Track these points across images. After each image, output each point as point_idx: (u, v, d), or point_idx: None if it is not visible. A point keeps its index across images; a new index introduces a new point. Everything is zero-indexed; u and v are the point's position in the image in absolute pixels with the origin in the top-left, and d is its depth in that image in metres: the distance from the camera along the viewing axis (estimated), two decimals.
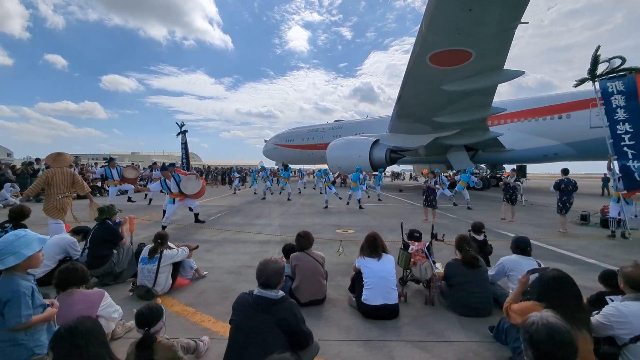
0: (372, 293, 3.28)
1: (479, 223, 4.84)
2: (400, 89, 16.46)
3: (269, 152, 38.95)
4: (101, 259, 4.12)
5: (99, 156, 75.76)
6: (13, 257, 2.14)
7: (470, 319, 3.30)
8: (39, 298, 2.22)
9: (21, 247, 2.18)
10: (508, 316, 2.64)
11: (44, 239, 2.34)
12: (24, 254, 2.16)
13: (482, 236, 4.72)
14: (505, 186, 9.83)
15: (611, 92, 7.47)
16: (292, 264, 3.68)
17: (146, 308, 2.28)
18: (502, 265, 3.57)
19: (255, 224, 8.86)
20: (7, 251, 2.14)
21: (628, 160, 7.21)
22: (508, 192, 9.65)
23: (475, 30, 11.04)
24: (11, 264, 2.13)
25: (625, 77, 7.36)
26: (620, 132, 7.35)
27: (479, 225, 4.79)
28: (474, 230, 4.76)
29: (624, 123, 7.31)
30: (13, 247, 2.16)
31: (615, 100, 7.42)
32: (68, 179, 5.28)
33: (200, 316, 3.35)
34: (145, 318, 2.22)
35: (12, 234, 2.24)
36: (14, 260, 2.13)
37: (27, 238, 2.23)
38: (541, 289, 2.30)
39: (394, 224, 8.79)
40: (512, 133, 21.32)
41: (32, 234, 2.30)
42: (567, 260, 5.53)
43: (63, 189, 5.21)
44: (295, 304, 2.31)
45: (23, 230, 2.32)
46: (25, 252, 2.18)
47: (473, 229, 4.78)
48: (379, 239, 3.61)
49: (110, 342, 2.77)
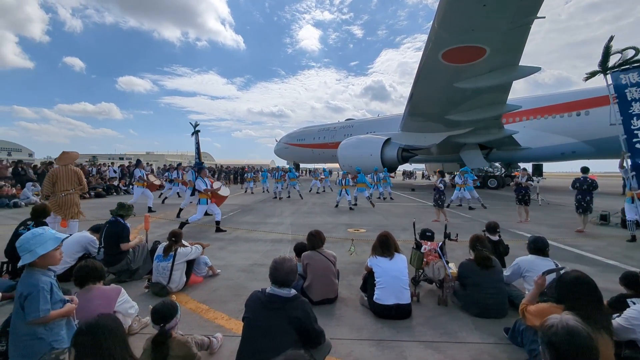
0: (384, 292, 3.27)
1: (493, 223, 4.74)
2: (412, 87, 16.29)
3: (281, 152, 39.16)
4: (117, 257, 4.22)
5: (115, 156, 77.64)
6: (28, 254, 2.20)
7: (485, 320, 3.25)
8: (58, 293, 2.28)
9: (36, 245, 2.24)
10: (524, 318, 2.58)
11: (60, 238, 2.39)
12: (37, 252, 2.22)
13: (497, 236, 4.62)
14: (517, 186, 9.45)
15: (625, 85, 6.97)
16: (304, 263, 3.69)
17: (161, 305, 2.33)
18: (518, 266, 3.50)
19: (267, 222, 8.92)
20: (23, 249, 2.21)
21: None
22: (520, 192, 9.28)
23: (489, 26, 10.82)
24: (27, 261, 2.20)
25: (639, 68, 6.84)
26: (635, 127, 6.88)
27: (494, 225, 4.69)
28: (488, 230, 4.66)
29: (639, 118, 6.85)
30: (29, 245, 2.22)
31: (630, 93, 6.91)
32: (72, 176, 5.42)
33: (214, 313, 3.39)
34: (160, 314, 2.27)
35: (30, 232, 2.31)
36: (29, 257, 2.20)
37: (42, 237, 2.28)
38: (561, 290, 2.24)
39: (406, 223, 8.72)
40: (527, 131, 20.82)
41: (49, 232, 2.36)
42: (586, 261, 5.37)
43: (67, 187, 5.35)
44: (307, 303, 2.32)
45: (41, 228, 2.38)
46: (39, 250, 2.23)
47: (487, 229, 4.69)
48: (391, 238, 3.59)
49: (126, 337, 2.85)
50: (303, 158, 37.13)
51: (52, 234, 2.36)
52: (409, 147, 22.40)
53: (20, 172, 13.85)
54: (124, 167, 19.82)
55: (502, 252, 4.48)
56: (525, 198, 9.21)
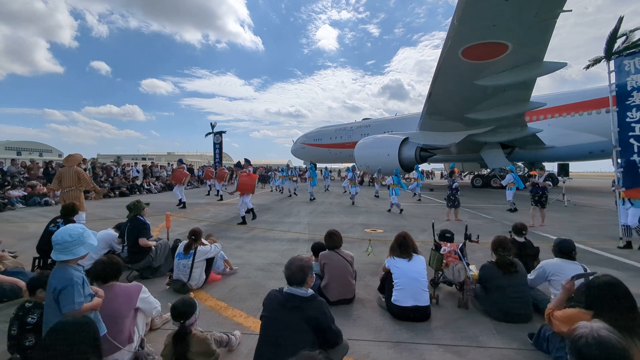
0: (402, 294, 3.22)
1: (520, 224, 4.52)
2: (430, 85, 15.97)
3: (297, 152, 39.32)
4: (140, 255, 4.36)
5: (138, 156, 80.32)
6: (68, 254, 2.30)
7: (507, 325, 3.15)
8: (87, 288, 2.38)
9: (75, 245, 2.33)
10: (550, 323, 2.49)
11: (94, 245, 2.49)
12: (76, 253, 2.32)
13: (523, 238, 4.42)
14: (533, 187, 8.74)
15: (628, 72, 6.29)
16: (321, 263, 3.69)
17: (180, 302, 2.39)
18: (543, 270, 3.36)
19: (284, 222, 8.98)
20: (63, 248, 2.30)
21: (633, 154, 6.21)
22: (537, 193, 8.54)
23: (512, 21, 10.46)
24: (63, 258, 2.30)
25: None
26: (631, 119, 6.26)
27: (520, 227, 4.46)
28: (514, 232, 4.47)
29: (638, 110, 6.18)
30: (70, 246, 2.31)
31: (632, 81, 6.25)
32: (73, 176, 6.40)
33: (232, 311, 3.44)
34: (179, 311, 2.34)
35: (69, 233, 2.35)
36: (67, 256, 2.29)
37: (81, 238, 2.37)
38: (590, 296, 2.14)
39: (425, 223, 8.57)
40: (552, 129, 20.01)
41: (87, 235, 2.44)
42: (617, 265, 5.11)
43: (69, 184, 6.35)
44: (324, 303, 2.31)
45: (81, 227, 2.46)
46: (79, 251, 2.33)
47: (514, 230, 4.49)
48: (409, 239, 3.53)
49: (148, 332, 2.93)
50: (320, 158, 37.13)
51: (90, 238, 2.45)
52: (428, 147, 21.97)
53: (51, 172, 14.56)
54: (145, 167, 20.50)
55: (529, 254, 4.27)
56: (542, 200, 8.51)
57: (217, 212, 10.78)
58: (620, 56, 6.41)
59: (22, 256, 4.90)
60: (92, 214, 9.78)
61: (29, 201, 11.97)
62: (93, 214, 9.62)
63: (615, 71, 6.47)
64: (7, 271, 3.85)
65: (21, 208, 11.33)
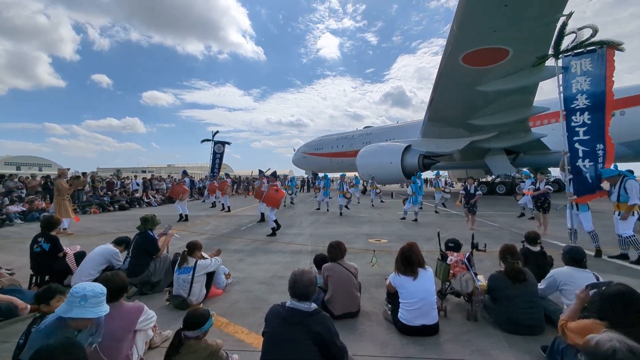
0: (411, 315, 3.07)
1: (533, 233, 4.31)
2: (432, 92, 15.97)
3: (299, 161, 39.23)
4: (140, 268, 4.29)
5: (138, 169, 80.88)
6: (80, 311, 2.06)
7: (519, 337, 3.02)
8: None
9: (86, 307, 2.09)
10: (564, 335, 2.37)
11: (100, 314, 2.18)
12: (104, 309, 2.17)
13: (538, 247, 4.23)
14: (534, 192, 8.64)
15: (574, 73, 5.93)
16: (325, 275, 3.59)
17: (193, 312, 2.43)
18: (554, 279, 3.25)
19: (286, 233, 8.87)
20: (99, 301, 2.14)
21: (578, 159, 5.96)
22: (539, 199, 8.45)
23: (511, 26, 10.48)
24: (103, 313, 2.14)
25: (594, 52, 5.81)
26: (576, 123, 5.92)
27: (533, 236, 4.25)
28: (528, 241, 4.26)
29: (583, 113, 5.87)
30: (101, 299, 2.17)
31: (577, 83, 5.89)
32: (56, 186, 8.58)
33: (234, 327, 3.34)
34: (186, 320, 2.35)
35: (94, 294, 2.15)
36: None
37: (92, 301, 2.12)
38: (603, 305, 2.05)
39: (430, 233, 8.43)
40: (557, 133, 19.78)
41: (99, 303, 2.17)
42: (631, 273, 4.96)
43: (56, 194, 8.49)
44: (328, 317, 2.24)
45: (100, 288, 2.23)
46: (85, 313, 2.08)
47: (527, 239, 4.27)
48: (414, 252, 3.31)
49: (148, 350, 2.84)
50: (321, 167, 37.05)
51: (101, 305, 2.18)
52: (431, 154, 21.88)
53: (50, 186, 14.56)
54: (145, 179, 20.61)
55: (547, 263, 4.08)
56: (545, 205, 8.35)
57: (218, 224, 10.70)
58: (568, 56, 6.09)
59: (20, 273, 4.83)
60: (90, 228, 9.81)
61: (28, 216, 11.90)
62: (91, 229, 9.62)
63: (562, 72, 6.18)
64: (3, 289, 3.77)
65: (19, 223, 11.27)
